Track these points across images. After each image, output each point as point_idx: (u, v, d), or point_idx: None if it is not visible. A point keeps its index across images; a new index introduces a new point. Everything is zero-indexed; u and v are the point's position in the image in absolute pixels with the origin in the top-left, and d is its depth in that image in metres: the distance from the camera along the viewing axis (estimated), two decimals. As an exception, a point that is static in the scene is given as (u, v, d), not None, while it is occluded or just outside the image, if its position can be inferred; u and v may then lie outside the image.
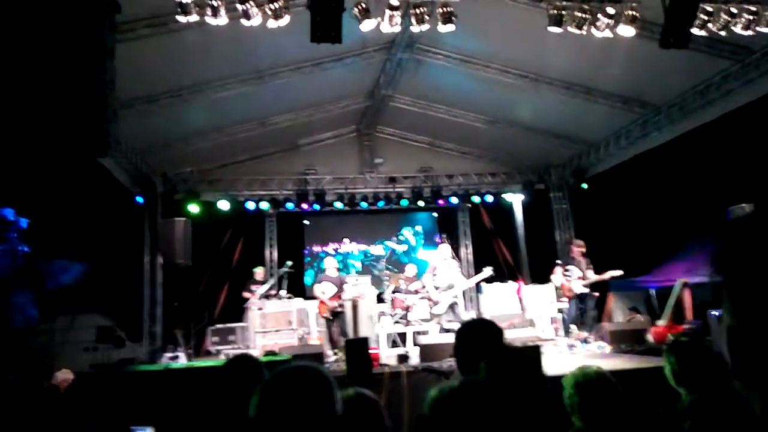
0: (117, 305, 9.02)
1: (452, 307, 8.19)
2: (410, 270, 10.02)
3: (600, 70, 7.68)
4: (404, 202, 11.45)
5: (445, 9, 5.64)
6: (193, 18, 5.15)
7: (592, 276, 8.42)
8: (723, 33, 5.89)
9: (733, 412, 1.86)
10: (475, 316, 10.41)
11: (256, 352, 7.93)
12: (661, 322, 7.86)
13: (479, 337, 2.35)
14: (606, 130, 9.79)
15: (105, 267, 8.64)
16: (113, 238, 8.68)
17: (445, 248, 8.67)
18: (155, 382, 5.67)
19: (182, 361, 8.19)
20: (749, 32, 5.85)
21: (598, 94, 8.42)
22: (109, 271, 8.84)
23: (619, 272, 8.30)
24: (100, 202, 8.04)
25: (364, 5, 5.47)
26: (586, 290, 8.46)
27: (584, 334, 8.26)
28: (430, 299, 8.47)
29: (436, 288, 8.28)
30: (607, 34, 5.85)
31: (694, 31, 5.72)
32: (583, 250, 8.75)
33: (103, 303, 8.71)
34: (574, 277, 8.52)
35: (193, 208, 10.24)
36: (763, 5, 5.76)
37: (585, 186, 10.90)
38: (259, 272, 10.23)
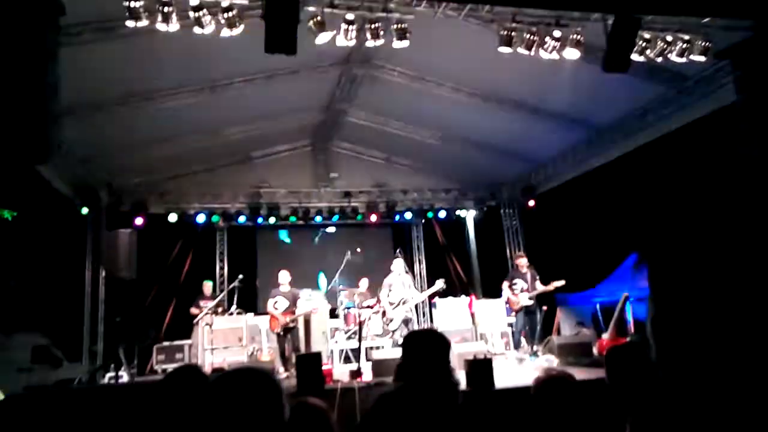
0: (55, 322, 8.56)
1: (406, 322, 8.21)
2: (363, 284, 10.00)
3: (548, 91, 7.94)
4: (359, 217, 11.47)
5: (399, 25, 5.74)
6: (143, 23, 5.04)
7: (539, 287, 8.67)
8: (659, 60, 6.24)
9: (656, 403, 1.94)
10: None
11: (205, 370, 7.68)
12: (606, 336, 8.13)
13: (428, 347, 2.35)
14: (554, 149, 10.12)
15: (42, 281, 8.21)
16: (52, 250, 8.27)
17: (399, 263, 8.70)
18: (94, 400, 5.39)
19: (125, 380, 7.86)
20: (683, 60, 6.23)
21: (546, 113, 8.71)
22: (47, 285, 8.40)
23: (561, 282, 8.57)
24: (38, 212, 7.65)
25: (319, 18, 5.50)
26: (531, 302, 8.68)
27: (533, 347, 8.45)
28: (384, 314, 8.46)
29: (391, 303, 8.29)
30: (554, 56, 6.09)
31: (634, 57, 6.03)
32: (526, 262, 9.01)
33: (40, 320, 8.26)
34: (520, 289, 8.75)
35: (140, 221, 9.91)
36: (695, 35, 6.15)
37: (531, 203, 11.21)
38: (207, 286, 9.97)
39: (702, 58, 6.25)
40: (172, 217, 10.33)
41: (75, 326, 9.27)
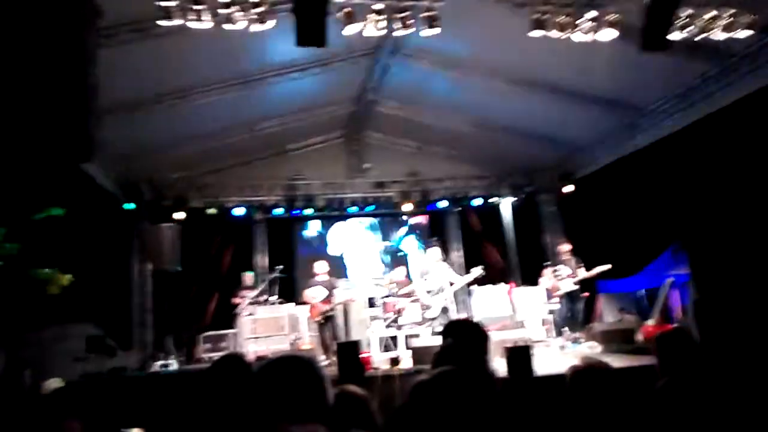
0: (106, 314, 8.92)
1: (444, 310, 8.21)
2: (401, 273, 10.03)
3: (584, 74, 7.74)
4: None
5: (428, 13, 5.69)
6: (177, 22, 5.15)
7: (583, 273, 8.53)
8: (701, 37, 5.97)
9: (700, 391, 1.89)
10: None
11: (248, 358, 7.88)
12: (651, 322, 7.94)
13: (466, 336, 2.36)
14: (592, 133, 9.87)
15: (93, 275, 8.55)
16: (100, 245, 8.59)
17: (436, 251, 8.68)
18: (145, 387, 5.63)
19: (174, 368, 8.15)
20: (727, 35, 5.94)
21: (583, 97, 8.48)
22: (98, 279, 8.74)
23: (606, 267, 8.39)
24: (86, 209, 7.96)
25: (348, 9, 5.49)
26: (576, 287, 8.55)
27: (575, 334, 8.33)
28: (421, 303, 8.48)
29: (428, 292, 8.29)
30: (589, 37, 5.91)
31: (674, 35, 5.79)
32: (570, 249, 8.88)
33: (93, 312, 8.62)
34: (564, 276, 8.62)
35: (181, 215, 10.19)
36: (739, 9, 5.85)
37: (569, 188, 11.01)
38: (248, 277, 10.18)
39: (747, 33, 5.95)
40: (212, 211, 10.56)
41: (125, 317, 9.65)
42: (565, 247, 9.01)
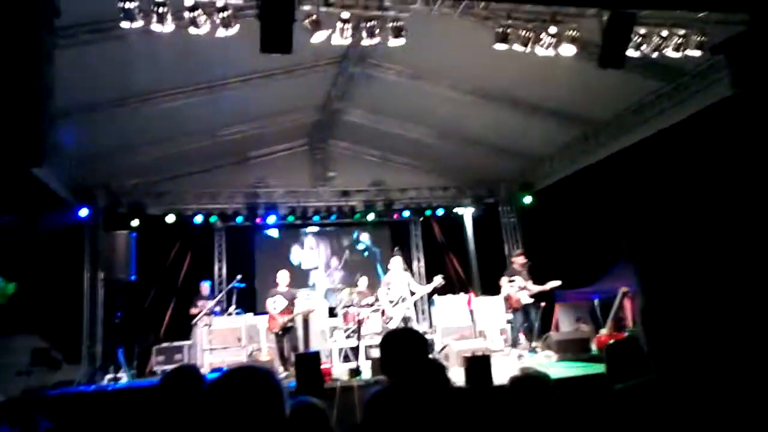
0: (54, 325, 8.55)
1: (405, 320, 8.22)
2: (362, 283, 10.01)
3: (545, 88, 7.94)
4: (357, 216, 11.47)
5: (395, 23, 5.74)
6: (138, 24, 5.02)
7: (534, 287, 8.68)
8: (655, 55, 6.25)
9: (651, 397, 1.96)
10: (427, 328, 10.49)
11: (203, 371, 7.69)
12: (604, 331, 8.14)
13: (404, 345, 2.36)
14: (551, 146, 10.13)
15: (41, 284, 8.20)
16: (50, 253, 8.25)
17: (398, 261, 8.70)
18: (91, 402, 5.39)
19: (124, 382, 7.86)
20: (679, 54, 6.23)
21: (543, 110, 8.70)
22: (46, 288, 8.38)
23: (557, 282, 8.58)
24: (36, 215, 7.63)
25: (315, 17, 5.49)
26: (531, 300, 8.70)
27: (532, 344, 8.46)
28: (383, 313, 8.47)
29: (390, 302, 8.29)
30: (550, 52, 6.09)
31: (630, 52, 6.04)
32: (523, 260, 9.03)
33: (40, 323, 8.25)
34: (517, 287, 8.76)
35: (137, 222, 9.89)
36: (690, 30, 6.15)
37: (527, 201, 11.22)
38: (204, 287, 9.96)
39: (697, 53, 6.26)
40: (170, 218, 10.31)
41: (74, 329, 9.25)
42: (520, 260, 9.15)
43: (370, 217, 11.43)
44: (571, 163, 10.14)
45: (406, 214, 11.86)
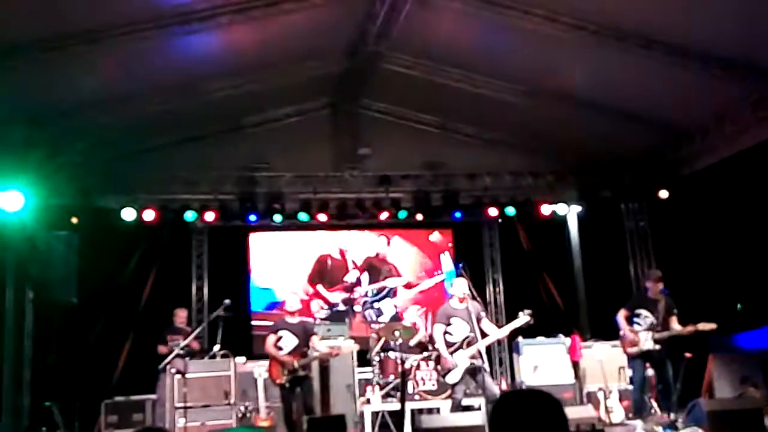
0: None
1: (473, 372, 8.13)
2: (411, 315, 9.98)
3: (696, 20, 7.77)
4: (402, 214, 11.44)
5: None
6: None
7: (675, 327, 8.41)
8: None
9: None
10: (507, 388, 10.33)
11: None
12: (790, 399, 7.88)
13: (527, 415, 2.22)
14: (703, 110, 9.87)
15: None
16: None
17: (462, 284, 8.60)
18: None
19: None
20: None
21: (692, 55, 8.44)
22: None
23: (711, 326, 8.29)
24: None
25: None
26: (657, 347, 8.45)
27: (670, 414, 8.24)
28: (439, 361, 8.40)
29: (450, 345, 8.21)
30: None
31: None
32: (661, 286, 8.78)
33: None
34: (645, 326, 8.51)
35: (80, 220, 10.12)
36: None
37: (664, 195, 11.08)
38: (179, 315, 10.12)
39: None
40: (128, 214, 10.50)
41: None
42: (656, 282, 8.90)
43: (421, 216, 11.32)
44: (735, 139, 9.81)
45: (477, 211, 11.79)
